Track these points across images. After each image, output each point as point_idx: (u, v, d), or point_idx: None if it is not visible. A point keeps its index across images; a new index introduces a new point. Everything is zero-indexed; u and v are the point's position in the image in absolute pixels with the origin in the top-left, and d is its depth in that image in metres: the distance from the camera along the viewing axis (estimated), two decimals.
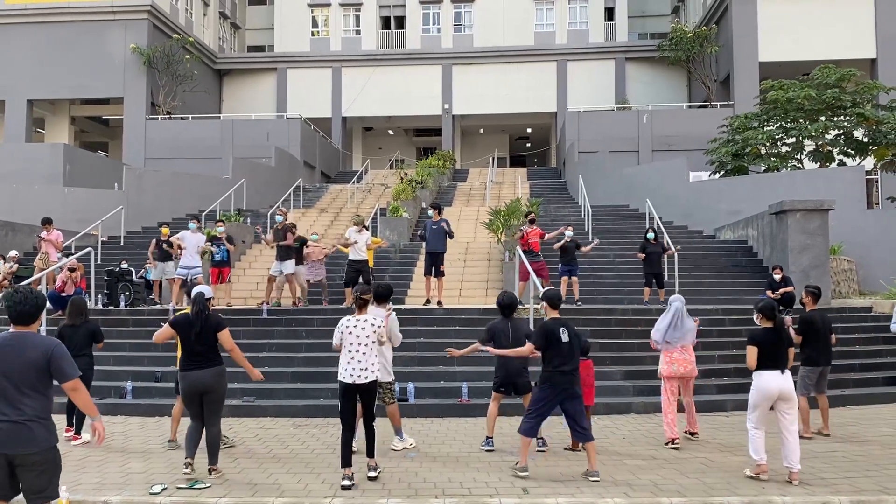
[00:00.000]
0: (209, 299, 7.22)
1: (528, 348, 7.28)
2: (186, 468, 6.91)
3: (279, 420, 10.01)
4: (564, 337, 7.04)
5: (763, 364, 6.97)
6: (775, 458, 7.21)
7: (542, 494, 6.48)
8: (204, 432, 7.03)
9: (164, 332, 7.21)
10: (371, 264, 14.70)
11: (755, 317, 7.27)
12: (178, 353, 7.28)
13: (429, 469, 7.39)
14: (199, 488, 6.61)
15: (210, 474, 6.95)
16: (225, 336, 7.09)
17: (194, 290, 7.24)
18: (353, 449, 7.02)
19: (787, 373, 7.00)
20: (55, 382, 4.52)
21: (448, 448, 8.34)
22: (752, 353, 7.01)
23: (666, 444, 8.34)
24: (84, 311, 8.85)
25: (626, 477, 7.06)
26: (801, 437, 8.49)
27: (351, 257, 14.14)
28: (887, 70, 30.27)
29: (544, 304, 7.41)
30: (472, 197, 28.15)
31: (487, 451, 8.08)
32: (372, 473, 6.91)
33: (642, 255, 15.00)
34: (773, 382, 6.91)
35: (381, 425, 7.36)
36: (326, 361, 11.18)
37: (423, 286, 14.74)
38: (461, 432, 9.20)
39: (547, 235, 15.17)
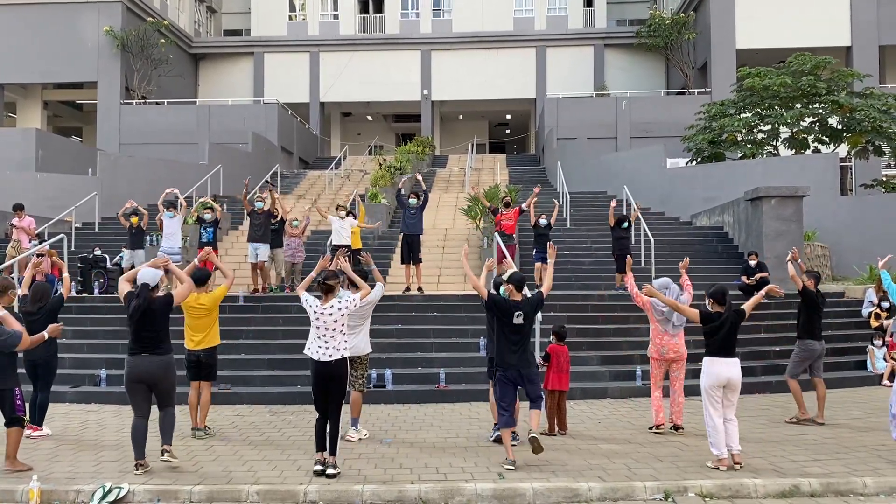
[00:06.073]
0: (154, 287, 6.82)
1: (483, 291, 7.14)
2: (138, 469, 6.63)
3: (255, 407, 9.99)
4: (518, 320, 6.97)
5: (716, 351, 7.04)
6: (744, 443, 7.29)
7: (517, 479, 6.52)
8: (160, 415, 6.94)
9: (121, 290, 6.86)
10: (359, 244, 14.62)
11: (707, 302, 7.32)
12: None
13: (405, 455, 7.41)
14: (114, 499, 6.16)
15: (163, 455, 6.81)
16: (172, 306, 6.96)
17: (139, 278, 6.83)
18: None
19: (737, 360, 7.06)
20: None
21: (425, 434, 8.37)
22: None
23: (650, 428, 8.37)
24: (44, 298, 8.19)
25: (601, 461, 7.13)
26: (799, 421, 8.62)
27: (334, 241, 14.22)
28: (861, 58, 30.52)
29: (510, 286, 7.19)
30: (452, 183, 28.06)
31: (495, 440, 7.78)
32: (331, 471, 6.56)
33: (615, 205, 15.12)
34: (723, 370, 6.99)
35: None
36: (303, 348, 11.11)
37: (401, 272, 14.75)
38: (438, 418, 9.23)
39: (524, 204, 15.30)
